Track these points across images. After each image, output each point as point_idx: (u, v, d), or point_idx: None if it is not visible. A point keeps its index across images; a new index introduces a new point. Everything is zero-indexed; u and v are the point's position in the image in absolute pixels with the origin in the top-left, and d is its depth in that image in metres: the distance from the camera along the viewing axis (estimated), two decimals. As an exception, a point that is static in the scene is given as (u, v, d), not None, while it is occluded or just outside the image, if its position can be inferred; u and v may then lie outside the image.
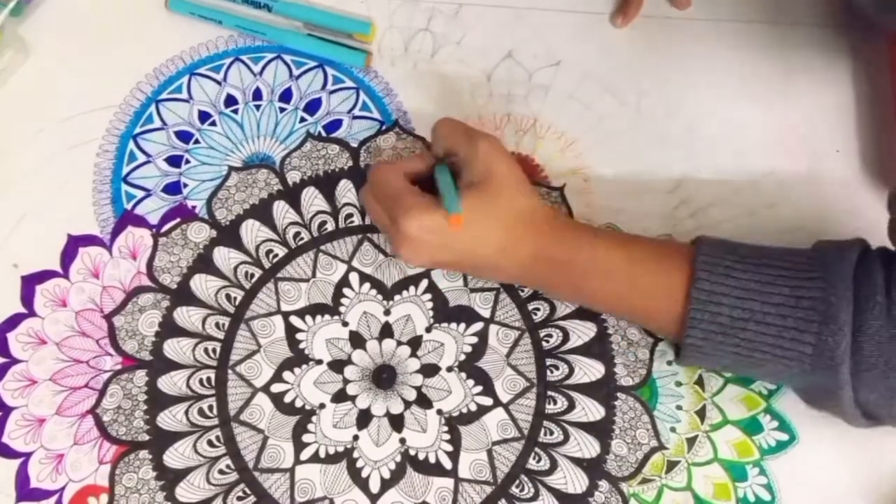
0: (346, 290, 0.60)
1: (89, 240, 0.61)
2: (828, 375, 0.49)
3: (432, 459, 0.57)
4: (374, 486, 0.56)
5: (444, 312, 0.60)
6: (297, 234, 0.61)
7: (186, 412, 0.58)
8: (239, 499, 0.56)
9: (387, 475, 0.57)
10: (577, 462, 0.57)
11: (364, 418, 0.58)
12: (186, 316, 0.60)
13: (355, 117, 0.64)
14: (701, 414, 0.58)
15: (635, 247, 0.54)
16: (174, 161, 0.63)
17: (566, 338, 0.59)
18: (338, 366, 0.59)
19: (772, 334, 0.50)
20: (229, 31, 0.66)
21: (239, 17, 0.65)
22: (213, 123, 0.64)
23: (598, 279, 0.54)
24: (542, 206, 0.55)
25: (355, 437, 0.57)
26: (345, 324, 0.60)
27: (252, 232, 0.61)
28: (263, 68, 0.65)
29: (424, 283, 0.60)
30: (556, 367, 0.59)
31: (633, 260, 0.53)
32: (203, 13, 0.65)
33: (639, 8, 0.66)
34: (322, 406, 0.58)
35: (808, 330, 0.49)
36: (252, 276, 0.61)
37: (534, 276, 0.56)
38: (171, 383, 0.58)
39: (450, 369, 0.59)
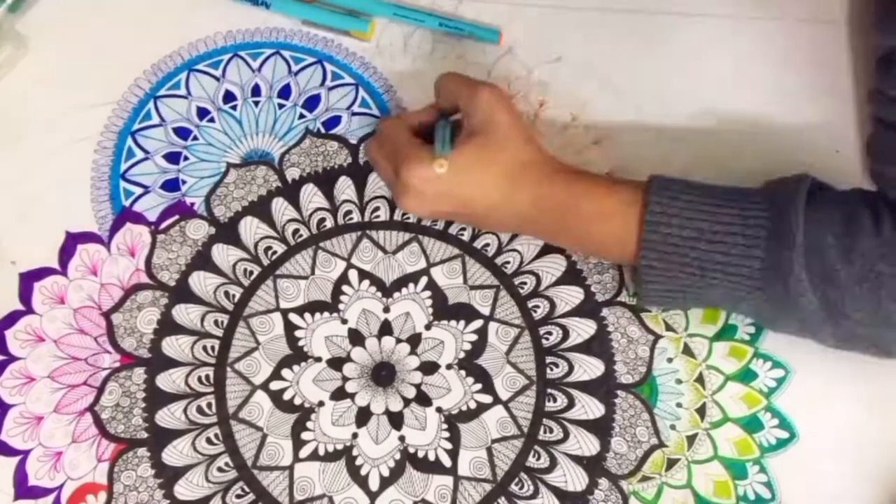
0: (345, 288, 0.60)
1: (87, 237, 0.61)
2: (779, 286, 0.50)
3: (432, 457, 0.57)
4: (374, 484, 0.56)
5: (444, 310, 0.60)
6: (295, 231, 0.61)
7: (185, 410, 0.58)
8: (238, 497, 0.56)
9: (386, 473, 0.57)
10: (577, 460, 0.57)
11: (363, 416, 0.58)
12: (185, 313, 0.59)
13: (354, 114, 0.64)
14: (701, 411, 0.58)
15: (621, 189, 0.55)
16: (172, 158, 0.63)
17: (566, 335, 0.59)
18: (337, 363, 0.59)
19: (721, 252, 0.51)
20: (227, 26, 0.65)
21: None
22: (212, 120, 0.64)
23: (600, 223, 0.54)
24: (542, 155, 0.56)
25: (354, 435, 0.57)
26: (344, 321, 0.60)
27: (251, 229, 0.61)
28: (262, 64, 0.65)
29: (424, 281, 0.60)
30: (556, 365, 0.59)
31: (623, 202, 0.54)
32: None
33: None
34: (321, 404, 0.58)
35: (756, 245, 0.50)
36: (251, 273, 0.60)
37: (534, 225, 0.57)
38: (169, 381, 0.58)
39: (449, 367, 0.59)
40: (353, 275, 0.60)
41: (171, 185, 0.62)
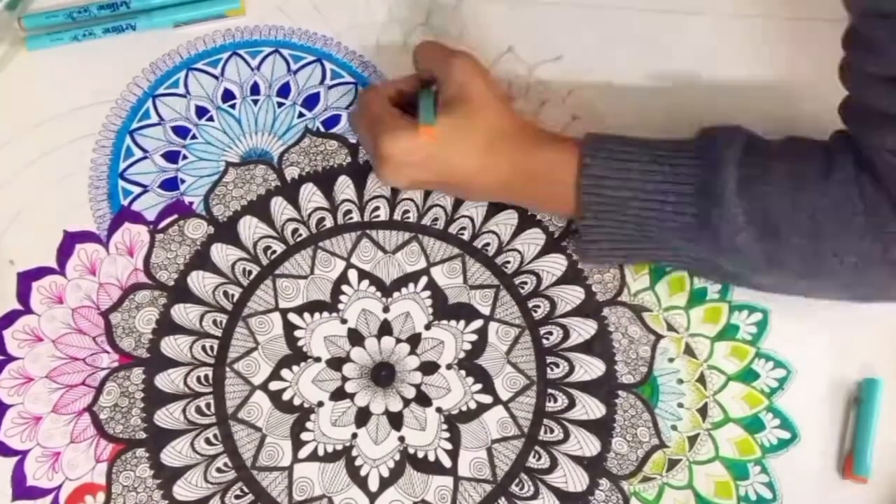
0: (344, 287, 0.60)
1: (86, 236, 0.61)
2: (711, 239, 0.52)
3: (431, 458, 0.57)
4: (373, 485, 0.56)
5: (444, 309, 0.59)
6: (295, 231, 0.61)
7: (184, 410, 0.57)
8: (237, 497, 0.56)
9: (386, 473, 0.56)
10: (578, 460, 0.57)
11: (363, 416, 0.57)
12: (184, 313, 0.59)
13: (354, 112, 0.64)
14: (702, 412, 0.58)
15: (563, 147, 0.55)
16: (171, 157, 0.63)
17: (566, 335, 0.59)
18: (336, 363, 0.58)
19: (655, 209, 0.52)
20: (225, 24, 0.65)
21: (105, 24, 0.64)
22: (211, 119, 0.64)
23: (546, 184, 0.55)
24: (520, 121, 0.57)
25: (354, 436, 0.57)
26: (343, 321, 0.59)
27: (250, 228, 0.61)
28: (261, 62, 0.65)
29: (424, 280, 0.60)
30: (557, 365, 0.58)
31: (562, 161, 0.55)
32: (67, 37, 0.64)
33: None
34: (320, 404, 0.58)
35: (687, 202, 0.52)
36: (250, 272, 0.60)
37: (513, 192, 0.57)
38: (168, 381, 0.58)
39: (449, 367, 0.58)
40: (352, 274, 0.60)
41: (170, 185, 0.62)
